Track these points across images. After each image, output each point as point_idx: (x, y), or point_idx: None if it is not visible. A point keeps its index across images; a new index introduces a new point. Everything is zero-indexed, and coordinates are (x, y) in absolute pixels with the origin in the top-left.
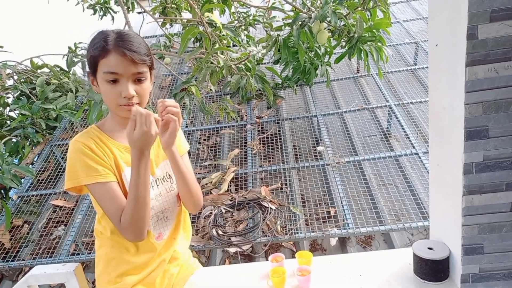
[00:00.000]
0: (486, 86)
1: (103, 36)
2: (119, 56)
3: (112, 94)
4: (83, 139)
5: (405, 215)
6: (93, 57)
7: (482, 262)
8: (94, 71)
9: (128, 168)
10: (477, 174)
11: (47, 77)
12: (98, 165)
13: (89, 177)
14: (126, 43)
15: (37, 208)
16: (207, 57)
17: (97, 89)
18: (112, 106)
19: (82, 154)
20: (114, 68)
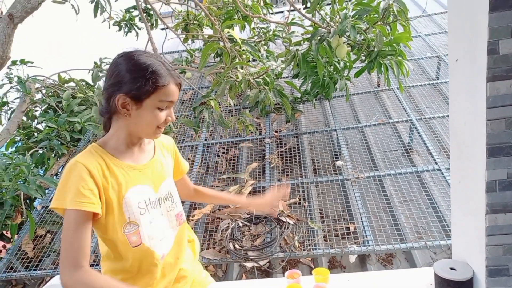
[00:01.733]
0: (509, 102)
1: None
2: (176, 86)
3: (157, 119)
4: (84, 160)
5: (427, 232)
6: (150, 87)
7: (508, 285)
8: (145, 98)
9: (132, 189)
10: (500, 192)
11: (73, 91)
12: (88, 191)
13: (73, 202)
14: (174, 72)
15: (60, 218)
16: (226, 71)
17: (126, 112)
18: (150, 130)
19: (78, 177)
20: (172, 97)
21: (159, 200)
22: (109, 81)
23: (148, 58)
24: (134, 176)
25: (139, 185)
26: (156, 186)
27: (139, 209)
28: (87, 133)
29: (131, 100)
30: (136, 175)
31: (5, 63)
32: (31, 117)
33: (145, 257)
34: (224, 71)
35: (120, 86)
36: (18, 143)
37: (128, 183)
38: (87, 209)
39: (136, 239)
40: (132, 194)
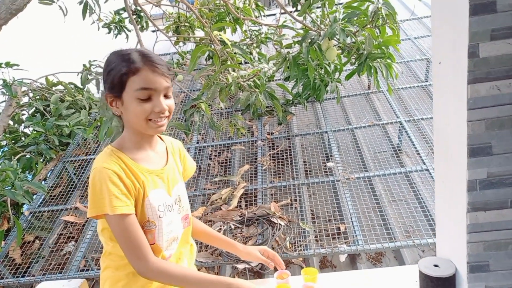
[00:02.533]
0: (489, 103)
1: (125, 55)
2: (151, 72)
3: (144, 111)
4: (111, 166)
5: (415, 231)
6: (120, 75)
7: (488, 280)
8: (120, 91)
9: (152, 192)
10: (481, 191)
11: (61, 95)
12: (122, 195)
13: (113, 207)
14: (153, 58)
15: (48, 224)
16: (216, 74)
17: (117, 110)
18: (141, 123)
19: (110, 182)
20: (149, 84)
21: (172, 204)
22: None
23: (126, 50)
24: (153, 180)
25: (158, 189)
26: (170, 190)
27: (159, 212)
28: (76, 137)
29: (114, 97)
30: (154, 180)
31: None
32: (17, 121)
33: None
34: (214, 74)
35: (105, 85)
36: (4, 148)
37: (148, 186)
38: (127, 212)
39: (151, 238)
40: (153, 197)
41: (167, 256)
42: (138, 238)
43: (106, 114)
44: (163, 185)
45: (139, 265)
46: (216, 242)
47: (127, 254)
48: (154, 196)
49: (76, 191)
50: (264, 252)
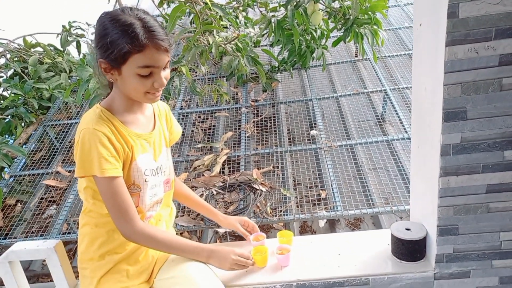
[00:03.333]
0: (466, 67)
1: (128, 27)
2: (155, 50)
3: (143, 85)
4: (101, 128)
5: (394, 198)
6: (124, 52)
7: (456, 243)
8: (121, 64)
9: (139, 156)
10: (454, 156)
11: (40, 56)
12: (112, 157)
13: (102, 170)
14: (157, 33)
15: (30, 187)
16: (195, 36)
17: (112, 77)
18: (139, 94)
19: (99, 144)
20: (152, 62)
21: (157, 168)
22: (94, 43)
23: (126, 18)
24: (141, 144)
25: (145, 154)
26: (156, 155)
27: (145, 176)
28: (57, 101)
29: (110, 66)
30: (142, 144)
31: None
32: None
33: None
34: (194, 35)
35: (100, 50)
36: None
37: (136, 150)
38: (115, 175)
39: (135, 200)
40: (140, 161)
41: (147, 216)
42: (126, 201)
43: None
44: (150, 149)
45: (126, 228)
46: (199, 208)
47: (114, 216)
48: (141, 160)
49: (58, 156)
50: (244, 222)
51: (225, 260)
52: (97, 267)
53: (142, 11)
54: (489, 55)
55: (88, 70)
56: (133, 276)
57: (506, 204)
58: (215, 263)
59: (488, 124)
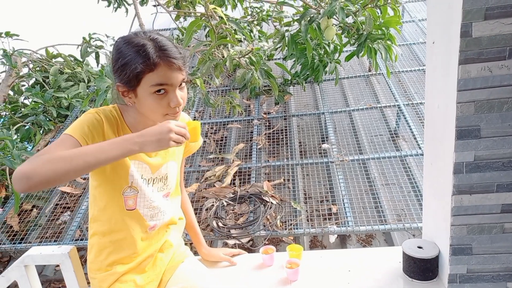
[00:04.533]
0: (479, 85)
1: (140, 48)
2: (167, 68)
3: (160, 105)
4: (103, 114)
5: (407, 215)
6: (136, 73)
7: (470, 263)
8: (135, 85)
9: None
10: (467, 174)
11: (60, 67)
12: (89, 131)
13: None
14: (169, 51)
15: (45, 193)
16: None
17: (130, 100)
18: (157, 116)
19: (88, 119)
20: (165, 80)
21: (154, 179)
22: (111, 67)
23: (139, 40)
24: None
25: (140, 161)
26: (155, 168)
27: (143, 179)
28: (75, 110)
29: (127, 89)
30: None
31: None
32: (17, 91)
33: (136, 223)
34: (209, 49)
35: (116, 74)
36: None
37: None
38: (75, 137)
39: (132, 203)
40: (135, 166)
41: (151, 225)
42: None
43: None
44: (149, 159)
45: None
46: (190, 230)
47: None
48: (136, 165)
49: None
50: (229, 253)
51: (163, 136)
52: (104, 277)
53: (155, 33)
54: (503, 74)
55: (106, 81)
56: (141, 286)
57: None
58: (153, 146)
59: (502, 143)
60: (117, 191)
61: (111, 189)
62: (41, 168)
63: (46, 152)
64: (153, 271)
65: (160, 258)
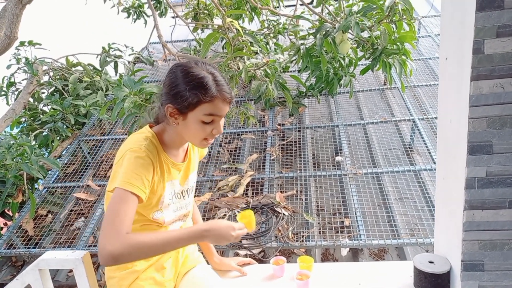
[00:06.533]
0: (491, 101)
1: (200, 80)
2: (222, 101)
3: (204, 132)
4: (151, 155)
5: (420, 230)
6: (195, 102)
7: (482, 279)
8: (189, 110)
9: (168, 183)
10: (479, 190)
11: (80, 75)
12: (146, 180)
13: (129, 183)
14: (224, 87)
15: (61, 199)
16: (226, 61)
17: (175, 122)
18: (196, 140)
19: (141, 166)
20: (217, 112)
21: (182, 192)
22: (164, 89)
23: (200, 71)
24: (173, 173)
25: (174, 180)
26: (183, 179)
27: (169, 200)
28: (92, 117)
29: (178, 112)
30: (174, 172)
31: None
32: (37, 98)
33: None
34: (225, 61)
35: (170, 96)
36: (23, 124)
37: (167, 177)
38: (136, 193)
39: (162, 221)
40: (168, 187)
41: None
42: (127, 218)
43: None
44: (179, 176)
45: (110, 239)
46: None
47: (105, 227)
48: (169, 185)
49: (89, 170)
50: (240, 262)
51: (223, 236)
52: (124, 275)
53: (212, 66)
54: None
55: (124, 90)
56: (160, 284)
57: None
58: (213, 241)
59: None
60: (148, 214)
61: (144, 211)
62: (127, 254)
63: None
64: (172, 268)
65: (177, 257)
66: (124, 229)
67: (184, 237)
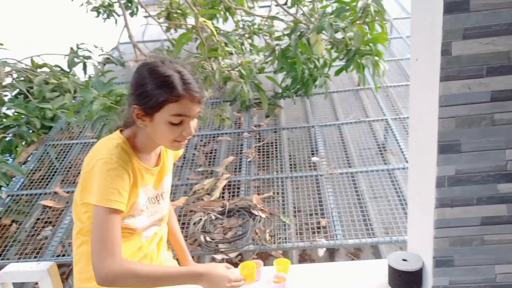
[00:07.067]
0: (460, 101)
1: (166, 79)
2: (190, 100)
3: (172, 133)
4: (124, 164)
5: (394, 228)
6: (161, 101)
7: (452, 275)
8: (155, 111)
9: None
10: (449, 188)
11: (46, 77)
12: (125, 192)
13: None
14: (193, 85)
15: (26, 207)
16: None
17: (143, 123)
18: (166, 142)
19: (118, 178)
20: (185, 111)
21: (156, 196)
22: (130, 90)
23: (166, 70)
24: (146, 178)
25: (148, 185)
26: (157, 183)
27: (142, 206)
28: (59, 121)
29: (144, 113)
30: (148, 178)
31: None
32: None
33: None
34: (198, 61)
35: (136, 97)
36: None
37: (140, 183)
38: (119, 208)
39: (134, 227)
40: (141, 194)
41: (144, 234)
42: (115, 236)
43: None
44: (152, 180)
45: (105, 262)
46: (176, 245)
47: (97, 247)
48: (143, 191)
49: (57, 176)
50: None
51: (218, 285)
52: (96, 286)
53: (180, 64)
54: (481, 91)
55: (92, 92)
56: None
57: (501, 237)
58: (206, 286)
59: (481, 157)
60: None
61: None
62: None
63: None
64: None
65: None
66: (117, 251)
67: (178, 275)
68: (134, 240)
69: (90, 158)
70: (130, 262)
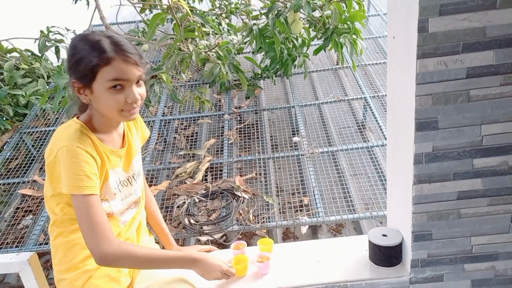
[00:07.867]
0: (436, 79)
1: (95, 43)
2: (123, 62)
3: (116, 101)
4: (83, 145)
5: (374, 204)
6: (92, 66)
7: (430, 248)
8: (91, 81)
9: (111, 171)
10: (426, 164)
11: (16, 62)
12: (93, 175)
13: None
14: (125, 47)
15: (4, 197)
16: (175, 43)
17: (86, 98)
18: (113, 112)
19: (83, 162)
20: (121, 75)
21: (128, 179)
22: (66, 65)
23: (95, 36)
24: (114, 160)
25: (117, 168)
26: (127, 166)
27: (114, 189)
28: (34, 108)
29: (82, 85)
30: (115, 160)
31: None
32: None
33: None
34: (174, 43)
35: (71, 71)
36: None
37: (109, 166)
38: (94, 193)
39: (110, 211)
40: (111, 176)
41: (121, 220)
42: (102, 219)
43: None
44: (120, 163)
45: (100, 245)
46: (157, 229)
47: (89, 234)
48: (112, 174)
49: (35, 164)
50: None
51: (210, 273)
52: (76, 276)
53: (112, 32)
54: (457, 68)
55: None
56: (116, 279)
57: (476, 210)
58: (199, 272)
59: (457, 134)
60: None
61: None
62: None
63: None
64: None
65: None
66: (110, 233)
67: (175, 259)
68: (112, 226)
69: (51, 148)
70: (127, 244)
